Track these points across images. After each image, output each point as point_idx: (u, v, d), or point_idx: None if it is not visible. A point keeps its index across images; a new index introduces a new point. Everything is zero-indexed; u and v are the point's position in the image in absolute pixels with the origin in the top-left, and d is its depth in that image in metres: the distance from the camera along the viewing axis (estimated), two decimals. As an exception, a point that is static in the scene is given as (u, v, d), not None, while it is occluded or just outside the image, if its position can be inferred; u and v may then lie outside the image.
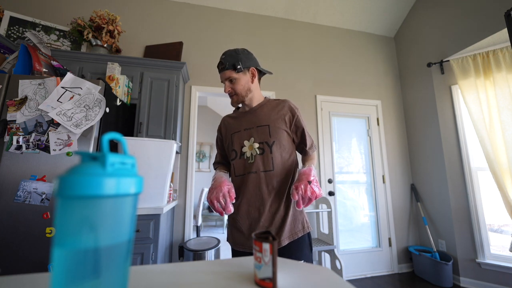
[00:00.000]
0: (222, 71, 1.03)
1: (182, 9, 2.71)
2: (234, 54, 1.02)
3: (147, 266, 0.54)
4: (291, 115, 1.07)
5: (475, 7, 2.38)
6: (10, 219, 1.24)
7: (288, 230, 0.97)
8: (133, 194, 0.32)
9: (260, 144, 1.01)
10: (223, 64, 1.02)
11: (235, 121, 1.11)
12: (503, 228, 2.31)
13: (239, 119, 1.10)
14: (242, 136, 1.05)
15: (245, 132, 1.05)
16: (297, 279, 0.48)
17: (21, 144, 1.31)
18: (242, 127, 1.06)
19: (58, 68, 1.59)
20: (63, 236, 0.28)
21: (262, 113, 1.06)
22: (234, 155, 1.06)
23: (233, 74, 1.01)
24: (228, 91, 1.04)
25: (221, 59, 1.03)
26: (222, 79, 1.05)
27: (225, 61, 1.01)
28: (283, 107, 1.08)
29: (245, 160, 1.02)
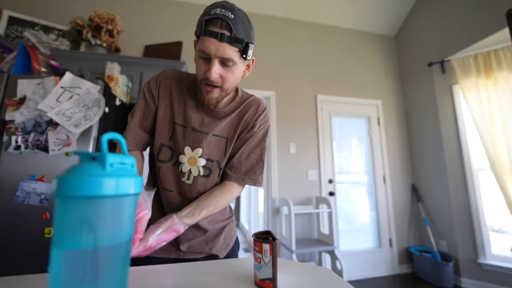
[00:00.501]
0: (222, 40, 0.57)
1: (182, 9, 2.71)
2: (248, 25, 0.61)
3: (146, 267, 0.53)
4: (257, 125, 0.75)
5: (476, 7, 2.38)
6: (9, 220, 1.24)
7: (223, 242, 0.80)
8: (133, 194, 0.31)
9: (208, 162, 0.72)
10: (231, 31, 0.57)
11: (182, 103, 0.72)
12: (505, 229, 2.31)
13: (192, 106, 0.72)
14: (186, 137, 0.71)
15: (192, 134, 0.71)
16: (297, 279, 0.48)
17: (19, 144, 1.30)
18: (190, 123, 0.71)
19: (57, 67, 1.58)
20: (62, 237, 0.27)
21: (228, 118, 0.74)
22: (167, 154, 0.72)
23: (236, 57, 0.61)
24: (214, 77, 0.62)
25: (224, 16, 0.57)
26: (209, 53, 0.59)
27: (235, 28, 0.58)
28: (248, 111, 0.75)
29: (179, 173, 0.71)
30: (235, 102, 0.75)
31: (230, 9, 0.58)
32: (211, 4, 0.60)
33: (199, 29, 0.60)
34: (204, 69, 0.63)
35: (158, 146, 0.72)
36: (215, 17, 0.57)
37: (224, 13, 0.57)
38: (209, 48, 0.59)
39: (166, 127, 0.72)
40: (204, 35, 0.59)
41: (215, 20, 0.57)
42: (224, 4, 0.59)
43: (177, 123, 0.72)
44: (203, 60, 0.63)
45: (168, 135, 0.72)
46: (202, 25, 0.59)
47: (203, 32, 0.59)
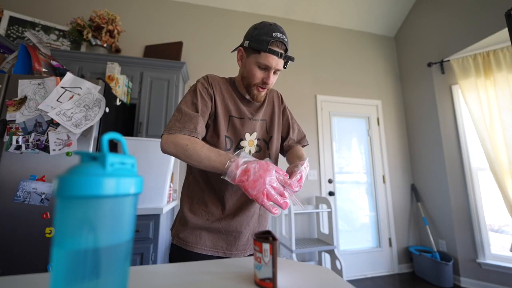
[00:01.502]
0: (280, 57, 0.77)
1: (182, 9, 2.71)
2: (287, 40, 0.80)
3: (147, 267, 0.54)
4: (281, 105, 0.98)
5: (476, 7, 2.38)
6: (10, 219, 1.24)
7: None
8: (133, 194, 0.32)
9: (258, 140, 0.89)
10: (286, 51, 0.78)
11: (232, 99, 0.87)
12: (504, 228, 2.31)
13: (239, 101, 0.88)
14: (246, 125, 0.86)
15: (249, 122, 0.86)
16: (297, 279, 0.48)
17: (20, 144, 1.30)
18: (246, 115, 0.87)
19: (58, 68, 1.59)
20: (63, 236, 0.28)
21: (264, 105, 0.92)
22: (229, 143, 0.84)
23: (282, 67, 0.81)
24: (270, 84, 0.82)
25: (282, 40, 0.76)
26: (270, 66, 0.77)
27: (288, 49, 0.79)
28: (273, 97, 0.97)
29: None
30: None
31: (283, 33, 0.78)
32: (268, 26, 0.78)
33: (262, 46, 0.75)
34: (262, 76, 0.80)
35: (222, 137, 0.83)
36: (277, 40, 0.75)
37: (282, 37, 0.76)
38: (271, 63, 0.77)
39: (223, 120, 0.83)
40: (268, 52, 0.75)
41: (277, 42, 0.76)
42: (280, 29, 0.78)
43: (233, 116, 0.85)
44: (260, 69, 0.79)
45: (226, 127, 0.84)
46: (266, 45, 0.75)
47: (268, 50, 0.75)
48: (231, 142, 0.84)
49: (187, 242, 0.80)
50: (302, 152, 0.93)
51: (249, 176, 0.60)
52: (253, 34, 0.78)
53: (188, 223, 0.81)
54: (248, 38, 0.80)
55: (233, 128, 0.85)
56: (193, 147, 0.70)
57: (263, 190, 0.59)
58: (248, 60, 0.81)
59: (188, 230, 0.81)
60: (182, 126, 0.73)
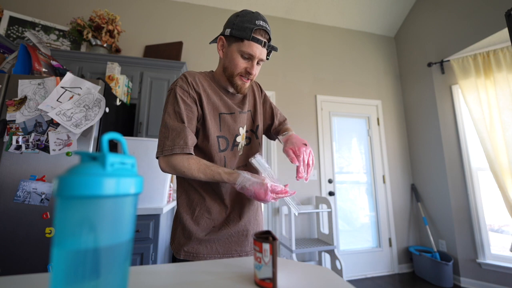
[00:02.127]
0: (264, 46, 0.74)
1: (182, 9, 2.71)
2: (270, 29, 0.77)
3: (147, 266, 0.54)
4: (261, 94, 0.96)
5: (476, 7, 2.38)
6: (10, 220, 1.24)
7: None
8: (133, 194, 0.32)
9: (247, 132, 0.87)
10: (269, 40, 0.76)
11: (218, 95, 0.82)
12: (504, 228, 2.31)
13: (224, 97, 0.83)
14: (237, 120, 0.83)
15: (240, 116, 0.84)
16: (297, 279, 0.48)
17: (20, 144, 1.30)
18: (235, 109, 0.83)
19: (58, 68, 1.59)
20: (63, 236, 0.28)
21: (247, 97, 0.89)
22: (224, 143, 0.80)
23: (265, 57, 0.78)
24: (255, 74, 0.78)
25: (265, 28, 0.74)
26: (254, 54, 0.74)
27: (270, 37, 0.76)
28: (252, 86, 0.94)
29: (237, 152, 0.82)
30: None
31: (266, 22, 0.75)
32: (250, 14, 0.75)
33: (245, 34, 0.72)
34: (245, 66, 0.76)
35: (214, 139, 0.78)
36: (260, 28, 0.72)
37: (265, 26, 0.74)
38: (255, 52, 0.74)
39: (213, 120, 0.79)
40: (251, 40, 0.72)
41: (260, 31, 0.73)
42: (262, 17, 0.75)
43: (223, 113, 0.81)
44: (243, 58, 0.75)
45: (218, 126, 0.80)
46: (250, 32, 0.72)
47: (251, 38, 0.72)
48: (226, 142, 0.80)
49: (197, 254, 0.75)
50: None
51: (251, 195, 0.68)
52: (235, 21, 0.74)
53: (192, 235, 0.76)
54: (230, 26, 0.75)
55: (226, 126, 0.81)
56: (190, 173, 0.71)
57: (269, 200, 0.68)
58: (230, 49, 0.76)
59: (195, 242, 0.76)
60: (172, 144, 0.70)
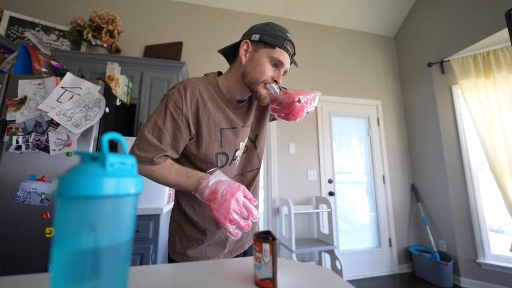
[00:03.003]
0: (291, 58, 0.75)
1: (182, 9, 2.71)
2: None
3: (147, 267, 0.54)
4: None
5: (476, 7, 2.38)
6: (10, 220, 1.24)
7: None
8: (133, 195, 0.32)
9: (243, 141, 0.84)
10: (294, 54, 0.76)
11: (220, 109, 0.75)
12: (504, 228, 2.31)
13: (227, 109, 0.76)
14: (239, 134, 0.78)
15: (242, 130, 0.80)
16: (297, 279, 0.48)
17: (20, 144, 1.30)
18: (238, 123, 0.78)
19: (58, 68, 1.59)
20: (63, 237, 0.28)
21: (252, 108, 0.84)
22: (224, 159, 0.76)
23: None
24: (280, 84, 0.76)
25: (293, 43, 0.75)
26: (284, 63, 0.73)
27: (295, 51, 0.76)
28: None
29: (234, 165, 0.80)
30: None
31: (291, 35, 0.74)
32: (281, 26, 0.74)
33: (278, 42, 0.70)
34: (273, 74, 0.73)
35: (212, 157, 0.74)
36: (290, 40, 0.72)
37: (292, 39, 0.73)
38: (285, 60, 0.72)
39: (214, 136, 0.73)
40: (284, 49, 0.71)
41: (290, 43, 0.73)
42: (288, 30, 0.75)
43: (224, 128, 0.75)
44: (272, 65, 0.72)
45: (218, 143, 0.74)
46: (284, 41, 0.71)
47: (283, 47, 0.71)
48: (226, 158, 0.76)
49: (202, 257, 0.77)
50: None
51: (216, 197, 0.59)
52: (264, 29, 0.73)
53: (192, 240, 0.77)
54: (259, 32, 0.72)
55: (227, 141, 0.75)
56: (161, 173, 0.67)
57: (227, 215, 0.58)
58: (257, 55, 0.72)
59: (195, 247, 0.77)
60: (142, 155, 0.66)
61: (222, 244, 0.79)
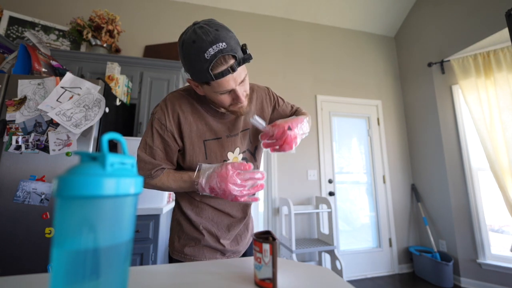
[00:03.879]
0: (234, 71, 0.60)
1: (182, 9, 2.71)
2: (232, 34, 0.61)
3: (146, 267, 0.54)
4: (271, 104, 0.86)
5: (476, 7, 2.38)
6: (9, 220, 1.24)
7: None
8: (133, 195, 0.32)
9: (244, 153, 0.81)
10: (235, 58, 0.60)
11: (203, 120, 0.74)
12: (504, 229, 2.31)
13: (212, 119, 0.75)
14: (225, 145, 0.76)
15: (228, 140, 0.76)
16: (297, 279, 0.48)
17: (20, 144, 1.30)
18: (222, 133, 0.76)
19: (58, 68, 1.58)
20: (63, 237, 0.28)
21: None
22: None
23: (244, 69, 0.65)
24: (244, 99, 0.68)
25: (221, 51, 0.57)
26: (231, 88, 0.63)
27: (235, 51, 0.59)
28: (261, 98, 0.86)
29: None
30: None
31: (216, 39, 0.56)
32: (193, 47, 0.57)
33: (205, 77, 0.60)
34: (231, 99, 0.67)
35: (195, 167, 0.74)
36: (216, 59, 0.57)
37: (219, 48, 0.56)
38: (229, 85, 0.62)
39: (197, 148, 0.74)
40: (217, 79, 0.59)
41: (218, 61, 0.57)
42: (206, 38, 0.56)
43: (207, 139, 0.75)
44: (224, 94, 0.65)
45: (203, 155, 0.75)
46: (209, 73, 0.58)
47: (214, 78, 0.59)
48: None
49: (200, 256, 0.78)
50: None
51: (217, 192, 0.64)
52: (187, 67, 0.63)
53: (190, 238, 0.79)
54: (186, 70, 0.65)
55: (213, 153, 0.75)
56: (162, 183, 0.72)
57: (234, 197, 0.63)
58: (204, 90, 0.67)
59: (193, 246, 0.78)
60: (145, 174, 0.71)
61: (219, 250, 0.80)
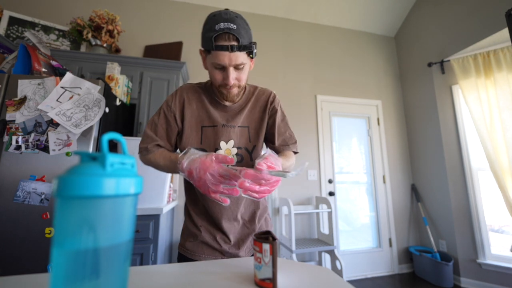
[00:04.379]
0: (233, 51, 0.65)
1: (182, 9, 2.71)
2: (247, 26, 0.69)
3: (146, 267, 0.54)
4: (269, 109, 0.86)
5: (476, 7, 2.38)
6: (9, 220, 1.24)
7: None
8: (133, 195, 0.32)
9: (239, 149, 0.80)
10: (238, 41, 0.65)
11: (204, 108, 0.81)
12: (504, 229, 2.31)
13: (213, 109, 0.81)
14: (219, 133, 0.79)
15: (223, 129, 0.79)
16: (297, 279, 0.48)
17: (20, 144, 1.30)
18: (219, 121, 0.80)
19: (58, 68, 1.58)
20: (63, 237, 0.28)
21: (246, 109, 0.83)
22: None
23: (245, 58, 0.70)
24: (232, 83, 0.72)
25: (229, 30, 0.64)
26: (224, 64, 0.68)
27: (241, 37, 0.65)
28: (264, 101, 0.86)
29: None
30: (245, 95, 0.85)
31: (231, 20, 0.65)
32: (212, 18, 0.66)
33: (208, 45, 0.66)
34: (222, 77, 0.72)
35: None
36: (222, 32, 0.64)
37: (228, 26, 0.64)
38: (223, 60, 0.67)
39: (194, 132, 0.80)
40: (216, 50, 0.65)
41: (222, 35, 0.64)
42: (224, 16, 0.65)
43: (205, 126, 0.80)
44: (218, 69, 0.71)
45: (199, 139, 0.80)
46: (212, 42, 0.65)
47: (214, 47, 0.65)
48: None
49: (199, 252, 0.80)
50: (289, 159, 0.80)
51: (193, 177, 0.60)
52: (201, 35, 0.70)
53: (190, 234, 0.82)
54: (201, 38, 0.71)
55: (207, 139, 0.79)
56: (154, 159, 0.76)
57: (208, 189, 0.59)
58: (207, 60, 0.73)
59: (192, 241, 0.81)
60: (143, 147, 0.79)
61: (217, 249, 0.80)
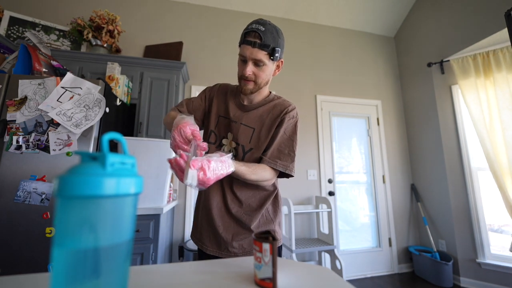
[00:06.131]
0: (255, 46, 0.77)
1: (182, 9, 2.71)
2: (276, 34, 0.79)
3: (147, 266, 0.54)
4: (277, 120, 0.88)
5: (476, 7, 2.38)
6: (10, 219, 1.24)
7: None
8: (133, 194, 0.32)
9: (238, 145, 0.88)
10: (261, 40, 0.77)
11: (226, 102, 0.94)
12: (503, 228, 2.31)
13: (232, 104, 0.93)
14: (229, 126, 0.91)
15: (232, 124, 0.91)
16: (297, 279, 0.48)
17: (20, 144, 1.31)
18: (230, 116, 0.91)
19: (58, 68, 1.59)
20: (63, 236, 0.28)
21: (257, 112, 0.90)
22: (213, 138, 0.93)
23: (265, 59, 0.79)
24: (249, 74, 0.81)
25: (257, 29, 0.77)
26: (246, 56, 0.79)
27: (265, 37, 0.77)
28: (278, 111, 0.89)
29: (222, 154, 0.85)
30: (264, 100, 0.92)
31: (262, 23, 0.78)
32: (252, 22, 0.81)
33: (240, 40, 0.82)
34: (242, 68, 0.82)
35: (208, 131, 0.94)
36: (251, 30, 0.78)
37: (257, 27, 0.78)
38: (245, 52, 0.79)
39: (213, 118, 0.94)
40: (243, 43, 0.80)
41: (250, 33, 0.78)
42: (259, 20, 0.80)
43: (221, 116, 0.94)
44: (242, 62, 0.83)
45: (214, 124, 0.94)
46: (243, 37, 0.80)
47: (242, 41, 0.80)
48: (216, 137, 0.93)
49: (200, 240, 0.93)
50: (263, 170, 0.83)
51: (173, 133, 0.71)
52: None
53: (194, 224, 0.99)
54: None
55: (219, 126, 0.94)
56: (168, 115, 0.91)
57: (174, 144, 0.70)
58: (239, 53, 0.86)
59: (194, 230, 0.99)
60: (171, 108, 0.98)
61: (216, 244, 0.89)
